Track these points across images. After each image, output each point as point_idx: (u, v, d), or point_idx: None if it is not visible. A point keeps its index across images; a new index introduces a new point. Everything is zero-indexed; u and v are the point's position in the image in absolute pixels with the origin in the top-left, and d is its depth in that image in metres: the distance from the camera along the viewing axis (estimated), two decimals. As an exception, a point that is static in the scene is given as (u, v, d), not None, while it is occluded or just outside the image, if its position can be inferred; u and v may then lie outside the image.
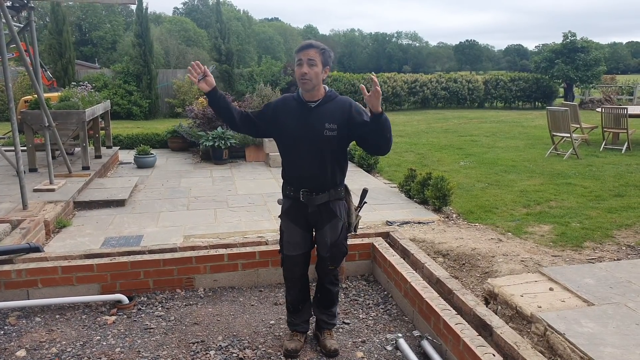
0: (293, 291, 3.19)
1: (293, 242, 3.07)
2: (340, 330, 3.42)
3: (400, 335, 3.24)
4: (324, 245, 3.06)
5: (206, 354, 3.11)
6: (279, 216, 3.15)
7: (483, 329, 2.99)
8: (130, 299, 3.75)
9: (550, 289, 3.48)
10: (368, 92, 2.68)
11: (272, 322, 3.53)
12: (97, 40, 47.52)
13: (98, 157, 8.85)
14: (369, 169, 8.72)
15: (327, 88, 2.98)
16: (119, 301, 3.72)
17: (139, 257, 3.99)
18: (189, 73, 2.92)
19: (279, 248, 3.19)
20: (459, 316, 3.03)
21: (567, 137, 9.94)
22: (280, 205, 3.15)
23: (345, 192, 3.11)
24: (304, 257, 3.11)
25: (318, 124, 2.90)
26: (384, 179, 8.17)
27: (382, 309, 3.74)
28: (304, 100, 2.95)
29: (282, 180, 3.13)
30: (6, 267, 3.78)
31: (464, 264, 4.53)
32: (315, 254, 3.14)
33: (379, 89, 2.64)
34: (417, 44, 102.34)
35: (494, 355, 2.59)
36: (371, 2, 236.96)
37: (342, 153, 3.04)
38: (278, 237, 3.23)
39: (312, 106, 2.93)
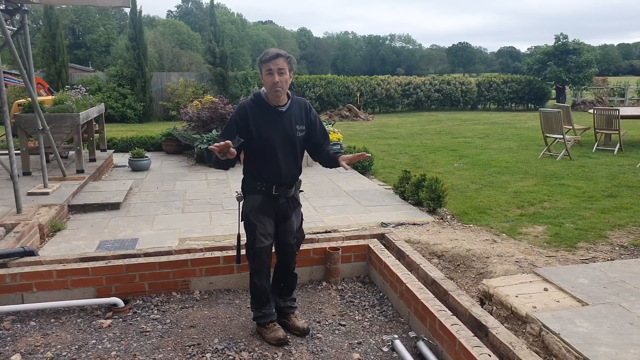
0: (266, 281, 3.32)
1: (266, 233, 3.22)
2: (337, 331, 3.43)
3: (396, 336, 3.25)
4: (291, 232, 3.33)
5: (202, 356, 3.11)
6: (247, 214, 3.22)
7: (478, 329, 3.00)
8: (125, 302, 3.74)
9: (545, 290, 3.50)
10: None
11: (268, 324, 3.53)
12: (90, 43, 47.39)
13: (92, 160, 8.82)
14: (364, 170, 8.74)
15: (289, 92, 3.19)
16: (115, 304, 3.71)
17: (134, 261, 3.98)
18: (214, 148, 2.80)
19: (247, 247, 3.28)
20: (454, 317, 3.05)
21: (559, 138, 10.01)
22: (240, 202, 3.30)
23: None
24: (271, 246, 3.29)
25: (290, 127, 3.17)
26: (378, 181, 8.19)
27: (377, 310, 3.75)
28: (273, 106, 3.13)
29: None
30: (0, 271, 3.75)
31: (458, 265, 4.55)
32: (277, 246, 3.36)
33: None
34: (411, 47, 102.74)
35: (490, 356, 2.61)
36: (363, 6, 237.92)
37: (303, 148, 3.35)
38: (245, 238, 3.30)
39: (283, 110, 3.15)
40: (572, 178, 7.95)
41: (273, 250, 3.34)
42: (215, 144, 2.80)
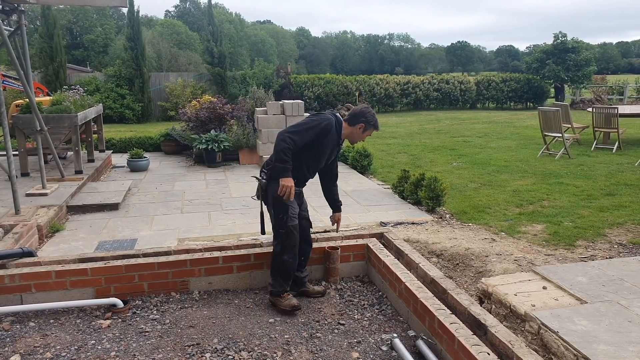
0: (295, 257, 3.72)
1: (296, 212, 3.74)
2: (336, 331, 3.43)
3: (395, 335, 3.25)
4: (305, 208, 4.00)
5: (202, 356, 3.11)
6: (277, 200, 3.63)
7: (477, 328, 3.01)
8: (125, 302, 3.74)
9: (544, 288, 3.51)
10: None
11: (268, 322, 3.53)
12: (88, 43, 47.27)
13: (91, 161, 8.81)
14: (363, 170, 8.74)
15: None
16: (114, 305, 3.71)
17: (133, 261, 3.98)
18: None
19: (277, 228, 3.71)
20: (453, 316, 3.05)
21: (558, 137, 10.02)
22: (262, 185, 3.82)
23: None
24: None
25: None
26: (377, 180, 8.19)
27: (377, 309, 3.75)
28: (340, 137, 3.82)
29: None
30: (-1, 272, 3.76)
31: (457, 263, 4.55)
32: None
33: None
34: (409, 46, 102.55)
35: (489, 354, 2.61)
36: (362, 6, 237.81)
37: None
38: (277, 219, 3.73)
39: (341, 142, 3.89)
40: (570, 176, 7.96)
41: None
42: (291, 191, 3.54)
